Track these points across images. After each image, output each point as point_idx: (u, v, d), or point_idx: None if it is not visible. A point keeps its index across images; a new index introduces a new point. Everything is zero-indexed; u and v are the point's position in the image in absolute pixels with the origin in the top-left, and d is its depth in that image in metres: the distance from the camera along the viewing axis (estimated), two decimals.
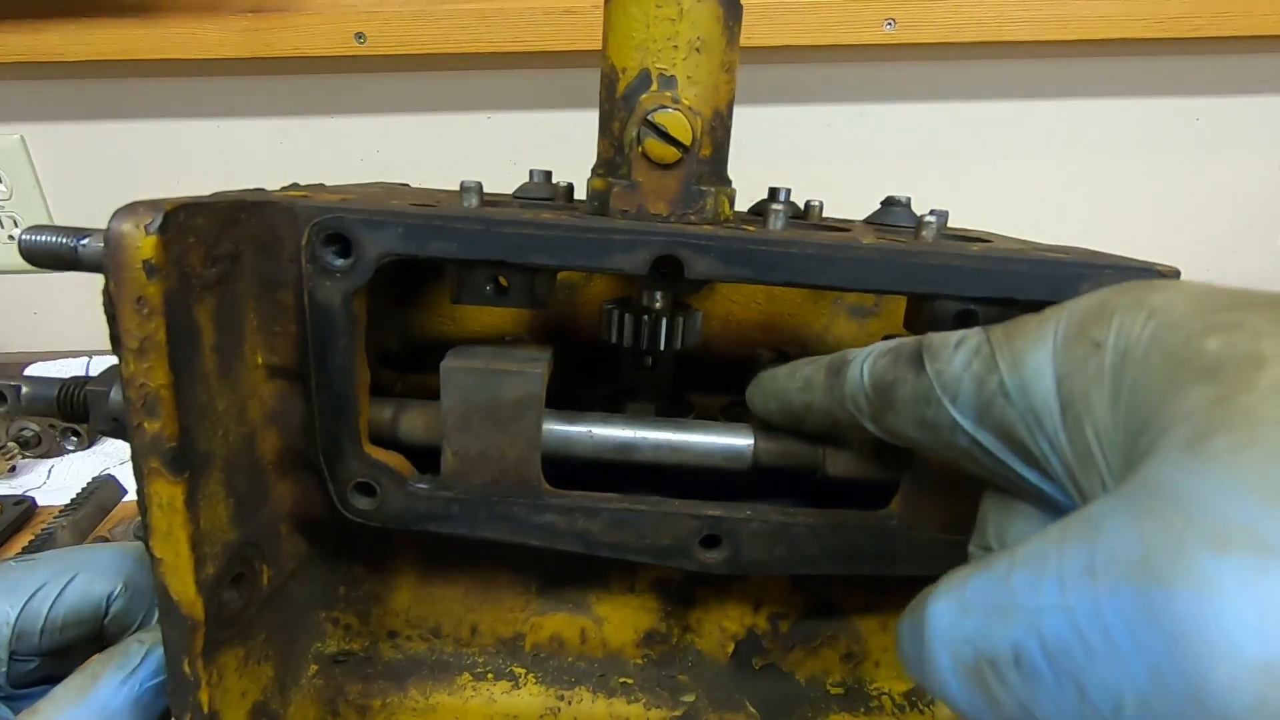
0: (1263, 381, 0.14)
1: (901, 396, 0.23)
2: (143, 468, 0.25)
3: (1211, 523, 0.13)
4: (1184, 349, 0.16)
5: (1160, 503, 0.14)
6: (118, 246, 0.22)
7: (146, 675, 0.29)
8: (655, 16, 0.29)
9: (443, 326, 0.39)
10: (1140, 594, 0.13)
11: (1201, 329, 0.16)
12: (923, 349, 0.23)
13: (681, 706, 0.38)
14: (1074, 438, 0.18)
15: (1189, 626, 0.12)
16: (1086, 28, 0.67)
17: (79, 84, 0.75)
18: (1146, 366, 0.17)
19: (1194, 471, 0.14)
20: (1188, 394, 0.15)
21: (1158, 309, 0.17)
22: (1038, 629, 0.15)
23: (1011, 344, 0.20)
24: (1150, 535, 0.14)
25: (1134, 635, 0.13)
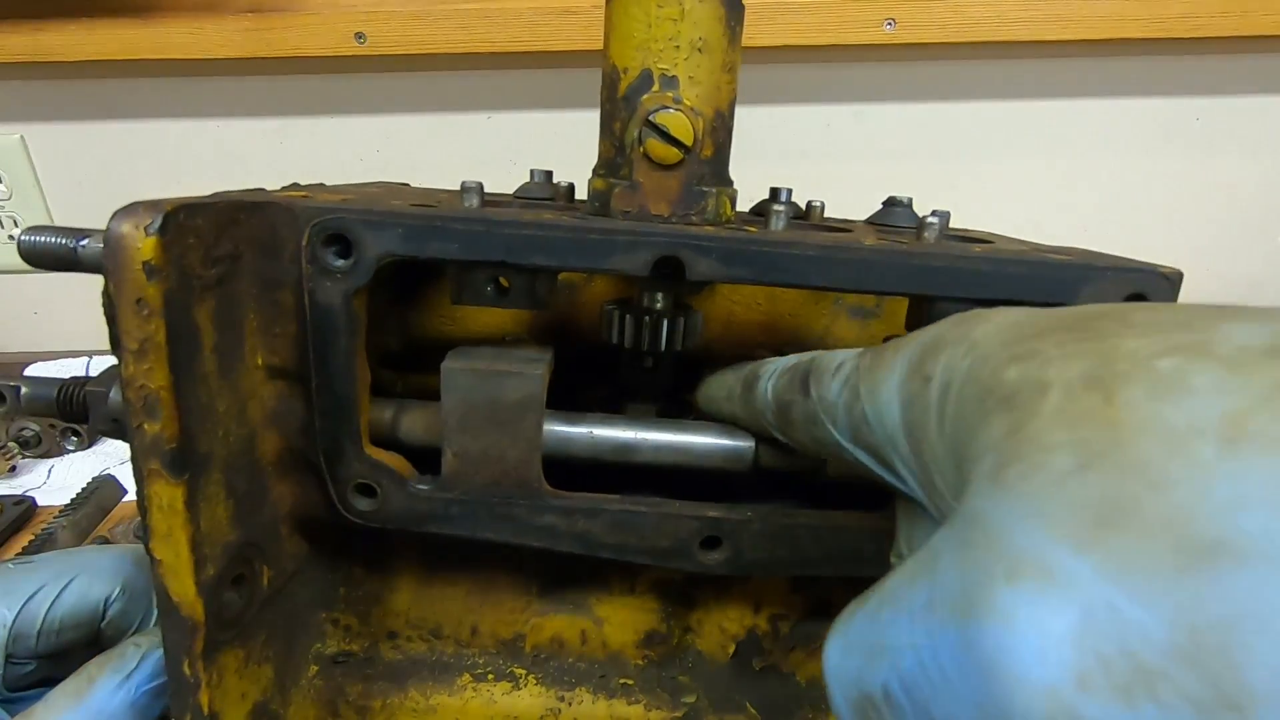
0: (1045, 408, 0.15)
1: (796, 416, 0.25)
2: (143, 469, 0.24)
3: (1008, 553, 0.14)
4: (990, 380, 0.17)
5: (974, 535, 0.15)
6: (117, 247, 0.22)
7: (143, 679, 0.29)
8: (657, 16, 0.29)
9: (443, 327, 0.39)
10: (962, 630, 0.14)
11: (1006, 359, 0.17)
12: (810, 372, 0.25)
13: (682, 707, 0.38)
14: (919, 464, 0.19)
15: (993, 658, 0.13)
16: (1086, 28, 0.67)
17: (79, 84, 0.75)
18: (963, 399, 0.17)
19: (996, 502, 0.15)
20: (991, 424, 0.16)
21: (976, 342, 0.18)
22: (897, 667, 0.15)
23: (871, 375, 0.21)
24: (969, 569, 0.14)
25: (961, 669, 0.14)
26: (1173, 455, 0.12)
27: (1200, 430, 0.12)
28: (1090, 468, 0.13)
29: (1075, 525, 0.13)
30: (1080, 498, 0.13)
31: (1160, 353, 0.14)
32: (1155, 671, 0.12)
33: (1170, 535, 0.12)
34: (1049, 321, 0.17)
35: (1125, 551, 0.12)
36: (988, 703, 0.13)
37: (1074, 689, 0.12)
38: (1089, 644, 0.12)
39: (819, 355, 0.25)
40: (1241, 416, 0.12)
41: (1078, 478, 0.13)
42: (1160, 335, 0.14)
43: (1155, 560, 0.12)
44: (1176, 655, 0.11)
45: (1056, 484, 0.14)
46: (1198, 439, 0.12)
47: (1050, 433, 0.14)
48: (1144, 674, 0.12)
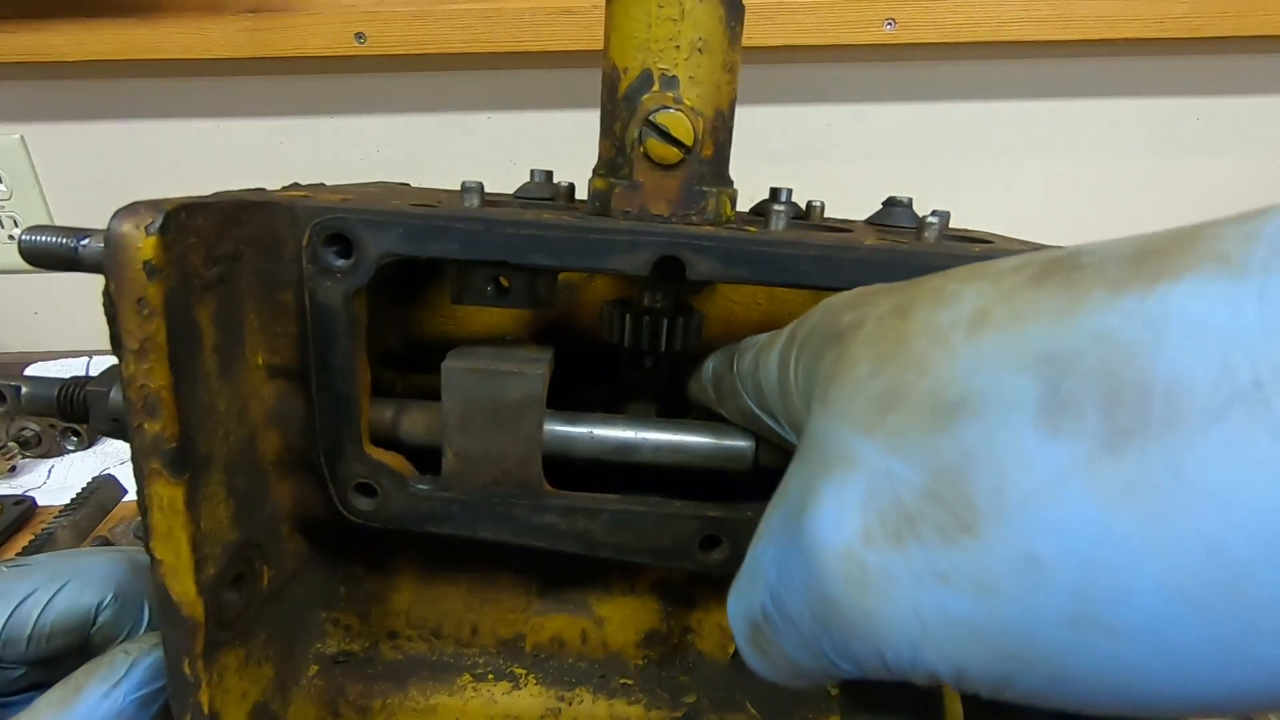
0: (860, 336, 0.18)
1: (724, 389, 0.28)
2: (143, 469, 0.24)
3: (825, 453, 0.16)
4: (829, 326, 0.20)
5: (806, 450, 0.18)
6: (118, 247, 0.22)
7: (131, 688, 0.29)
8: (657, 16, 0.29)
9: (443, 326, 0.39)
10: (796, 527, 0.16)
11: (842, 307, 0.20)
12: (735, 351, 0.28)
13: (682, 707, 0.38)
14: (788, 415, 0.22)
15: (809, 540, 0.16)
16: (1086, 28, 0.67)
17: (79, 84, 0.75)
18: (811, 346, 0.20)
19: (820, 417, 0.18)
20: (823, 360, 0.19)
21: (828, 304, 0.21)
22: (768, 584, 0.18)
23: (768, 347, 0.24)
24: (801, 478, 0.17)
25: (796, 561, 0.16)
26: (935, 345, 0.15)
27: (957, 324, 0.15)
28: (880, 370, 0.16)
29: (867, 415, 0.16)
30: (872, 393, 0.16)
31: (949, 280, 0.17)
32: (914, 513, 0.14)
33: (927, 405, 0.15)
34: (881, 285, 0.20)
35: (897, 425, 0.15)
36: (810, 580, 0.16)
37: (861, 544, 0.15)
38: (871, 505, 0.15)
39: (745, 339, 0.28)
40: (986, 309, 0.15)
41: (871, 379, 0.16)
42: (958, 272, 0.17)
43: (916, 426, 0.15)
44: (927, 496, 0.14)
45: (857, 388, 0.17)
46: (954, 330, 0.15)
47: (858, 352, 0.17)
48: (907, 517, 0.14)
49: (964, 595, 0.13)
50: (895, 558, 0.14)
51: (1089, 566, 0.12)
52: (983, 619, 0.13)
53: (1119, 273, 0.14)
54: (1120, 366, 0.12)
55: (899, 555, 0.14)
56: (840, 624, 0.15)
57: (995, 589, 0.13)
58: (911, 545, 0.14)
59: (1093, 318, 0.13)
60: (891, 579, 0.14)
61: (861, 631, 0.15)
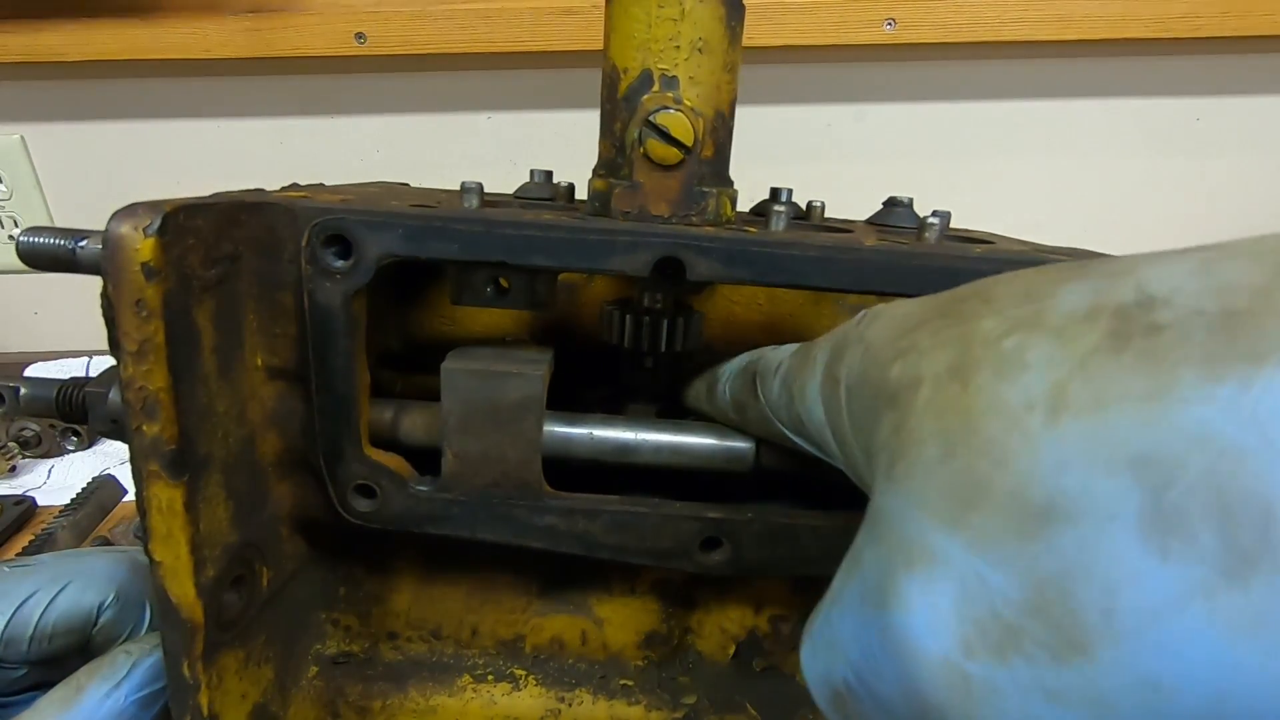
0: (919, 403, 0.16)
1: (752, 416, 0.27)
2: (142, 470, 0.24)
3: (903, 543, 0.15)
4: (879, 379, 0.18)
5: (880, 530, 0.16)
6: (116, 249, 0.22)
7: (132, 688, 0.29)
8: (657, 16, 0.29)
9: (443, 327, 0.39)
10: (880, 619, 0.15)
11: (890, 357, 0.18)
12: (756, 375, 0.26)
13: (682, 708, 0.38)
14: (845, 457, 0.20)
15: (901, 639, 0.15)
16: (1086, 28, 0.66)
17: (79, 84, 0.75)
18: (861, 399, 0.19)
19: (890, 497, 0.16)
20: (882, 425, 0.17)
21: (869, 342, 0.19)
22: (848, 659, 0.17)
23: (799, 377, 0.23)
24: (880, 563, 0.16)
25: (884, 652, 0.15)
26: (1011, 431, 0.14)
27: (1032, 405, 0.14)
28: (952, 454, 0.15)
29: (946, 508, 0.15)
30: (947, 482, 0.15)
31: (1006, 331, 0.15)
32: (1016, 628, 0.13)
33: (1014, 505, 0.13)
34: (928, 310, 0.18)
35: (983, 526, 0.14)
36: (905, 679, 0.15)
37: (961, 655, 0.14)
38: (967, 613, 0.14)
39: (763, 356, 0.27)
40: (1061, 386, 0.14)
41: (944, 464, 0.15)
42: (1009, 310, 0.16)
43: (1005, 529, 0.13)
44: (1029, 611, 0.13)
45: (929, 473, 0.15)
46: (1029, 413, 0.14)
47: (922, 426, 0.16)
48: (1009, 632, 0.13)
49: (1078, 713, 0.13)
50: (1000, 673, 0.13)
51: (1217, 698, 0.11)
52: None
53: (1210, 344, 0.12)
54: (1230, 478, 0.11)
55: (1004, 670, 0.13)
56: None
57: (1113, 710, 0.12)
58: (1017, 661, 0.13)
59: (1188, 413, 0.12)
60: (998, 693, 0.13)
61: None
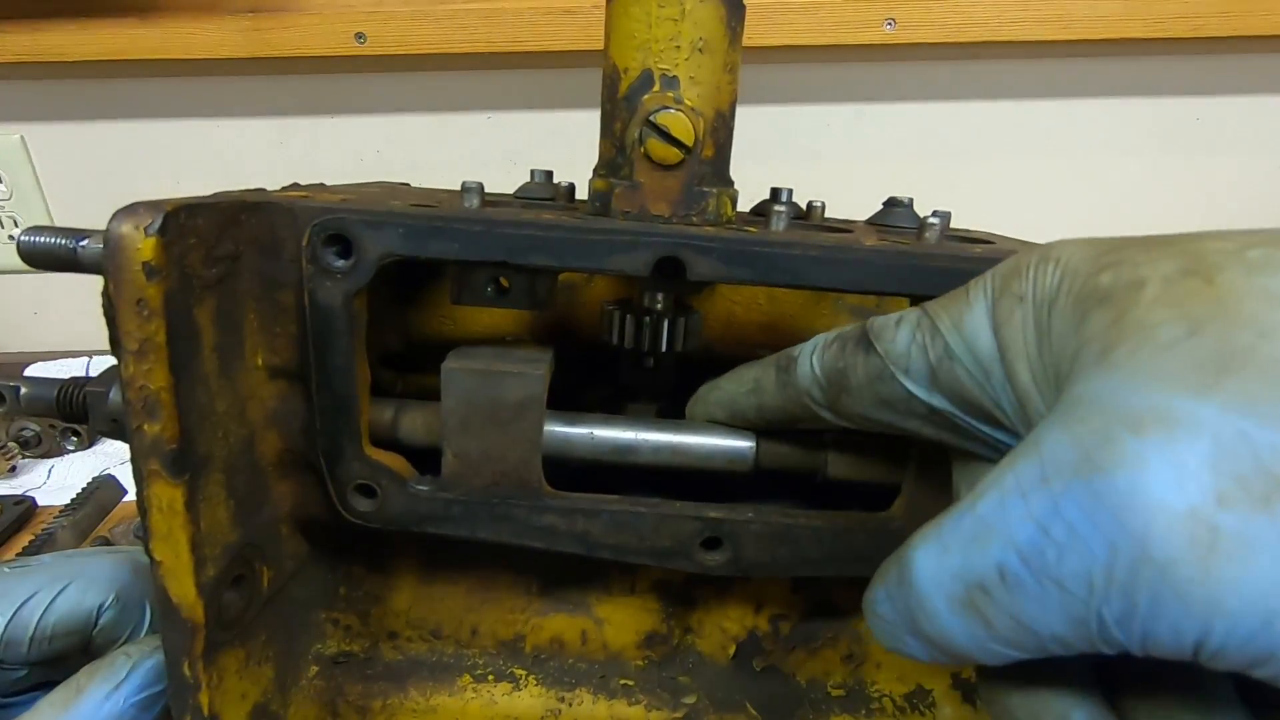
0: (1145, 298, 0.17)
1: (856, 380, 0.25)
2: (143, 470, 0.24)
3: (1128, 414, 0.15)
4: (1084, 288, 0.19)
5: (1086, 410, 0.17)
6: (117, 248, 0.22)
7: (132, 690, 0.29)
8: (657, 16, 0.29)
9: (443, 327, 0.39)
10: (1087, 485, 0.15)
11: (1095, 269, 0.19)
12: (868, 331, 0.25)
13: (682, 708, 0.38)
14: (1014, 381, 0.20)
15: (1129, 498, 0.15)
16: (1086, 28, 0.67)
17: (79, 84, 0.75)
18: (1058, 308, 0.19)
19: (1106, 379, 0.17)
20: (1091, 322, 0.18)
21: (1062, 259, 0.20)
22: (1013, 542, 0.17)
23: (950, 311, 0.22)
24: (1084, 437, 0.16)
25: (1090, 519, 0.15)
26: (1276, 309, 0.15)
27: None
28: (1200, 331, 0.15)
29: (1194, 378, 0.15)
30: (1194, 356, 0.15)
31: (1246, 246, 0.16)
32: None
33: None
34: (1124, 241, 0.19)
35: (1248, 388, 0.14)
36: (1123, 541, 0.15)
37: (1215, 506, 0.14)
38: (1225, 467, 0.14)
39: (869, 320, 0.25)
40: None
41: (1188, 341, 0.15)
42: (1238, 237, 0.16)
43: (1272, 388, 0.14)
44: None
45: (1167, 349, 0.16)
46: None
47: (1155, 312, 0.16)
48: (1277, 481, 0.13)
49: None
50: (1262, 523, 0.13)
51: None
52: None
53: None
54: None
55: (1267, 520, 0.13)
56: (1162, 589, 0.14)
57: None
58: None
59: None
60: (1255, 545, 0.13)
61: (1195, 598, 0.14)
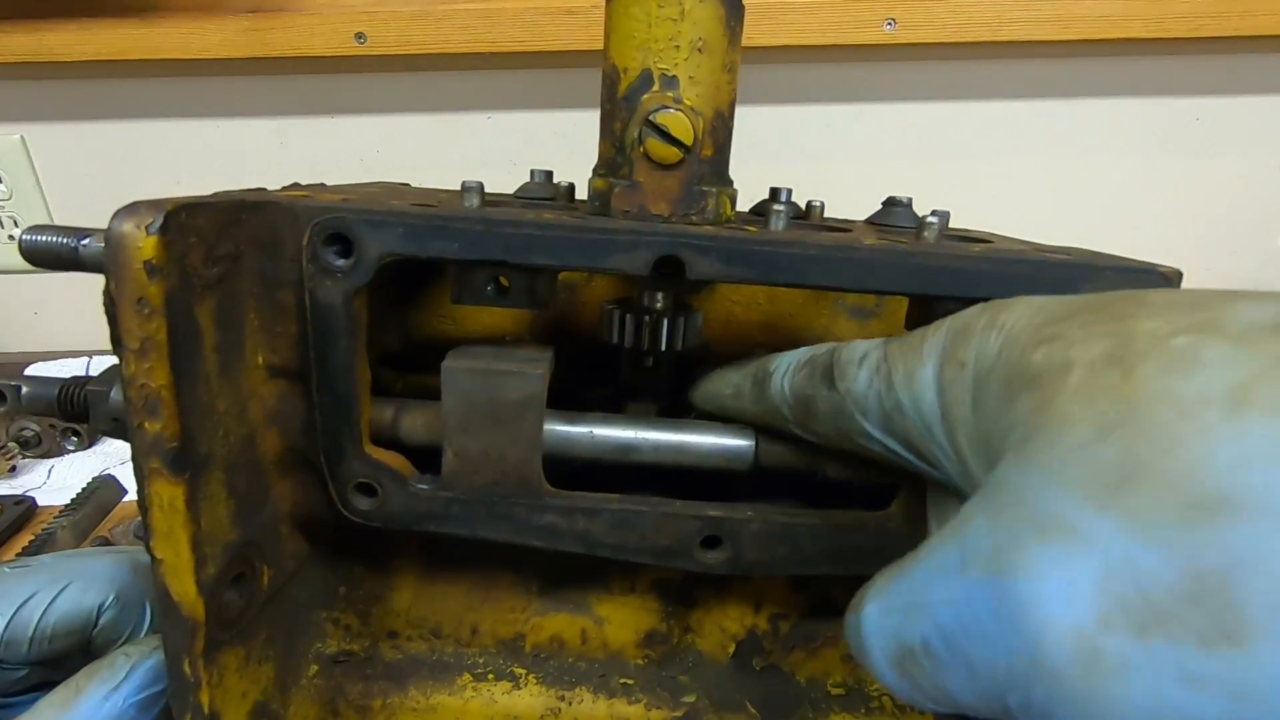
0: (1069, 385, 0.16)
1: (820, 409, 0.26)
2: (143, 468, 0.24)
3: (1036, 516, 0.15)
4: (1018, 363, 0.18)
5: (1003, 500, 0.17)
6: (118, 247, 0.22)
7: (131, 690, 0.29)
8: (657, 16, 0.29)
9: (443, 326, 0.39)
10: (994, 583, 0.16)
11: (1031, 342, 0.18)
12: (833, 365, 0.25)
13: (682, 707, 0.38)
14: (954, 445, 0.21)
15: (1026, 607, 0.15)
16: (1086, 28, 0.67)
17: (79, 84, 0.75)
18: (994, 381, 0.19)
19: (1023, 471, 0.16)
20: (1019, 403, 0.18)
21: (1005, 327, 0.20)
22: (935, 621, 0.17)
23: (905, 363, 0.22)
24: (998, 532, 0.16)
25: (996, 617, 0.15)
26: (1183, 421, 0.14)
27: (1209, 399, 0.14)
28: (1108, 436, 0.15)
29: (1095, 487, 0.15)
30: (1099, 463, 0.15)
31: (1174, 331, 0.15)
32: (1166, 611, 0.13)
33: (1180, 492, 0.13)
34: (1072, 306, 0.19)
35: (1140, 508, 0.14)
36: (1020, 645, 0.15)
37: (1097, 628, 0.14)
38: (1110, 589, 0.14)
39: (838, 348, 0.26)
40: (1247, 385, 0.14)
41: (1097, 445, 0.15)
42: (1175, 315, 0.16)
43: (1166, 514, 0.13)
44: (1184, 596, 0.13)
45: (1078, 451, 0.15)
46: (1206, 406, 0.14)
47: (1072, 406, 0.16)
48: (1156, 613, 0.13)
49: (1216, 702, 0.13)
50: (1138, 650, 0.13)
51: None
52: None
53: None
54: None
55: (1142, 648, 0.13)
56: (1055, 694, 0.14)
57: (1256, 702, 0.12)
58: (1159, 642, 0.13)
59: None
60: (1131, 670, 0.14)
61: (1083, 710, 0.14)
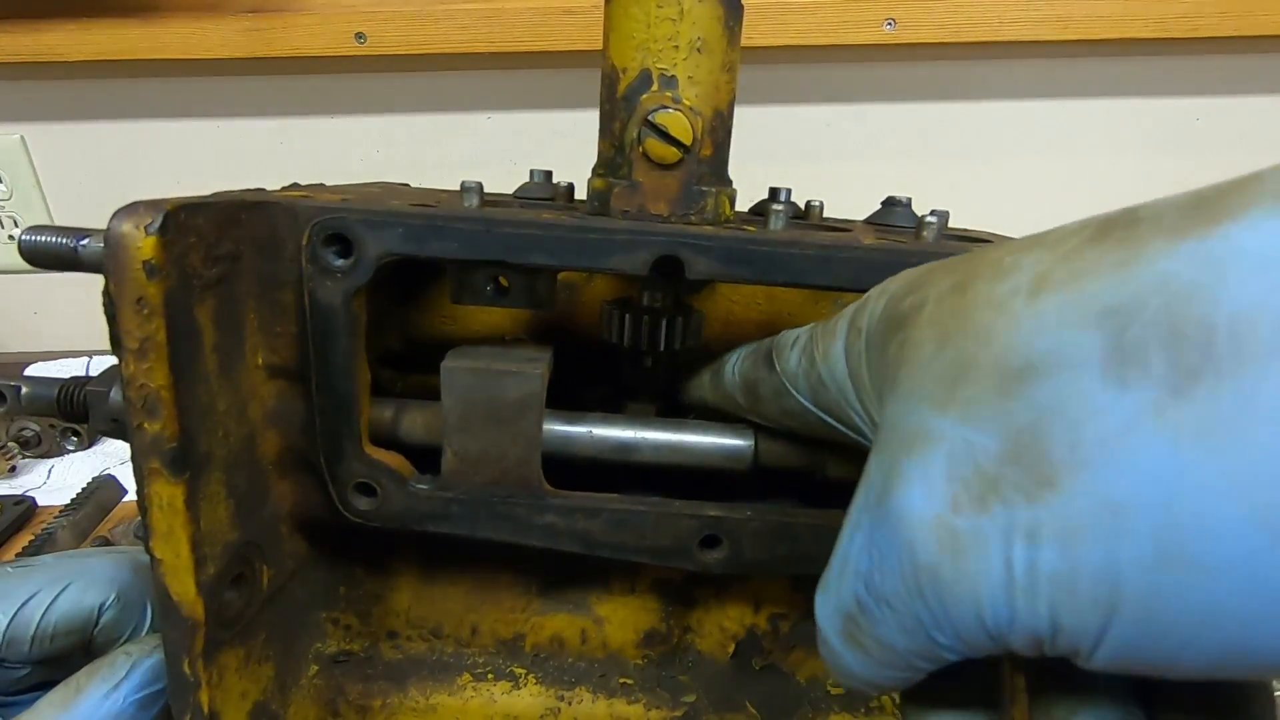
0: (921, 319, 0.18)
1: (764, 391, 0.28)
2: (143, 468, 0.24)
3: (903, 435, 0.17)
4: (893, 312, 0.20)
5: (882, 436, 0.18)
6: (118, 247, 0.22)
7: (131, 689, 0.29)
8: (656, 16, 0.29)
9: (443, 326, 0.39)
10: (882, 509, 0.17)
11: (903, 292, 0.20)
12: (772, 349, 0.27)
13: (682, 707, 0.38)
14: (865, 407, 0.22)
15: (899, 515, 0.16)
16: (1086, 28, 0.67)
17: (79, 84, 0.75)
18: (879, 335, 0.20)
19: (894, 402, 0.18)
20: (890, 347, 0.19)
21: (889, 289, 0.21)
22: (859, 572, 0.18)
23: (823, 340, 0.24)
24: (884, 464, 0.17)
25: (888, 541, 0.17)
26: (997, 315, 0.16)
27: (1017, 291, 0.16)
28: (945, 345, 0.17)
29: (939, 392, 0.16)
30: (939, 370, 0.16)
31: (1008, 251, 0.17)
32: (996, 477, 0.15)
33: (995, 373, 0.15)
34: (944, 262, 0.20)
35: (969, 397, 0.15)
36: (905, 554, 0.16)
37: (950, 512, 0.15)
38: (955, 475, 0.15)
39: (779, 334, 0.27)
40: (1045, 273, 0.15)
41: (937, 355, 0.17)
42: (1016, 244, 0.17)
43: (987, 395, 0.15)
44: (1006, 459, 0.15)
45: (925, 366, 0.17)
46: (1014, 298, 0.16)
47: (923, 332, 0.18)
48: (989, 482, 0.15)
49: (1051, 547, 0.14)
50: (983, 520, 0.15)
51: (1169, 507, 0.13)
52: (1071, 568, 0.14)
53: (1177, 221, 0.14)
54: (1183, 309, 0.13)
55: (985, 518, 0.15)
56: (938, 591, 0.15)
57: (1080, 538, 0.13)
58: (996, 507, 0.14)
59: (1153, 266, 0.13)
60: (982, 540, 0.15)
61: (960, 594, 0.15)
